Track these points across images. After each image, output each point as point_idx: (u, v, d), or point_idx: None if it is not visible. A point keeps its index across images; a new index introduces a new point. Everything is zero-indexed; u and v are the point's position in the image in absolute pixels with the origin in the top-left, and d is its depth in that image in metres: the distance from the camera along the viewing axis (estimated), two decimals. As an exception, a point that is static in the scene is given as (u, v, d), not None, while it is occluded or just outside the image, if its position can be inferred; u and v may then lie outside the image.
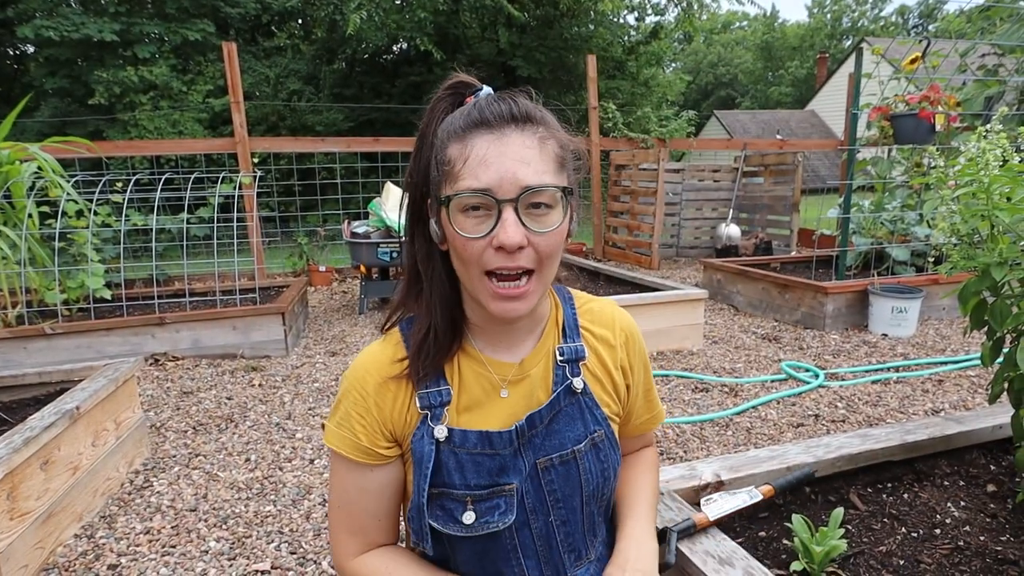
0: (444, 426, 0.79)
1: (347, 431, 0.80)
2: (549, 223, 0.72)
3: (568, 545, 0.83)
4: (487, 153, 0.69)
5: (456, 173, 0.70)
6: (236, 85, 5.50)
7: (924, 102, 3.93)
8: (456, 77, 0.79)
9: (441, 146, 0.74)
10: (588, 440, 0.83)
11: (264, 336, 3.64)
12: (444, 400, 0.80)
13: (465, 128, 0.72)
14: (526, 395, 0.82)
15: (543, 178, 0.71)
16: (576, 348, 0.86)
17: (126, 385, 2.29)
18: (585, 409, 0.84)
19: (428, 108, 0.78)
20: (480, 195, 0.69)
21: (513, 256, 0.70)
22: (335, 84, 13.75)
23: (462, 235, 0.70)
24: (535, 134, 0.72)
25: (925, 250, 4.27)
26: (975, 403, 2.74)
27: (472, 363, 0.82)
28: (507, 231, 0.68)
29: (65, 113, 11.28)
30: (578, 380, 0.84)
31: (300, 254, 6.09)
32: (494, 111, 0.71)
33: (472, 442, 0.79)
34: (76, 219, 3.76)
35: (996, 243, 1.27)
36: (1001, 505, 1.35)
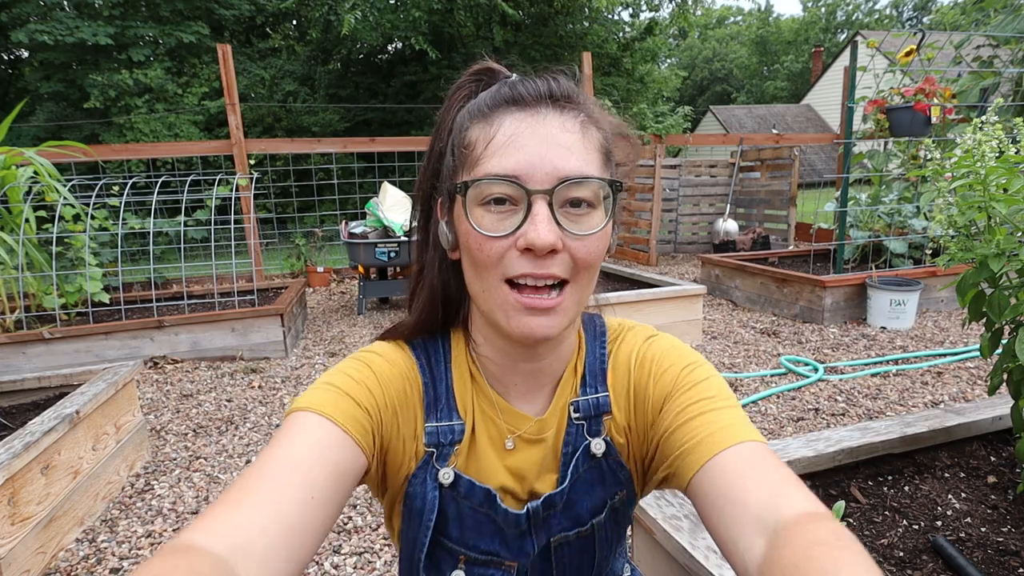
0: (451, 469, 0.65)
1: (337, 392, 0.61)
2: (590, 225, 0.58)
3: None
4: (518, 132, 0.57)
5: (476, 157, 0.58)
6: (231, 87, 5.49)
7: (920, 94, 3.93)
8: (482, 63, 0.66)
9: (460, 130, 0.61)
10: (608, 508, 0.70)
11: (263, 338, 3.63)
12: (456, 438, 0.66)
13: (493, 106, 0.59)
14: (537, 459, 0.68)
15: (586, 168, 0.57)
16: (598, 401, 0.69)
17: (125, 389, 2.29)
18: (607, 472, 0.69)
19: (447, 96, 0.66)
20: (506, 182, 0.56)
21: (543, 261, 0.56)
22: (330, 85, 13.74)
23: (479, 232, 0.57)
24: (577, 118, 0.59)
25: (923, 242, 4.28)
26: (974, 394, 2.74)
27: (485, 404, 0.68)
28: (538, 228, 0.55)
29: (60, 117, 11.26)
30: (598, 443, 0.68)
31: (298, 255, 6.08)
32: (529, 88, 0.59)
33: (478, 498, 0.66)
34: (73, 223, 3.75)
35: (993, 234, 1.28)
36: (1002, 496, 1.36)
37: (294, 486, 0.52)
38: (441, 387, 0.67)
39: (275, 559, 0.48)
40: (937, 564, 1.13)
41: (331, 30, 12.52)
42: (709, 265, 5.01)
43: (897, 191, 4.53)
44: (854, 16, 41.35)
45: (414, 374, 0.67)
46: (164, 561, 0.42)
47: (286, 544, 0.49)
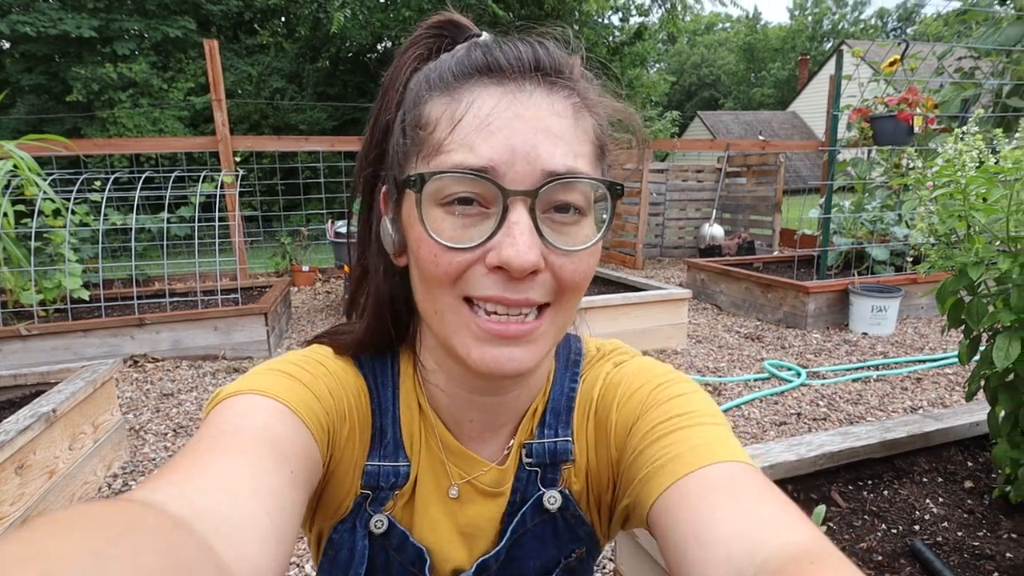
0: (386, 516, 0.54)
1: (288, 378, 0.49)
2: (579, 238, 0.45)
3: None
4: (494, 113, 0.43)
5: (438, 141, 0.44)
6: (218, 83, 5.44)
7: (903, 104, 3.99)
8: (443, 14, 0.52)
9: (416, 102, 0.47)
10: (561, 567, 0.58)
11: (246, 337, 3.59)
12: (399, 482, 0.54)
13: (460, 75, 0.45)
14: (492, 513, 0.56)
15: (577, 164, 0.44)
16: (555, 447, 0.55)
17: (104, 387, 2.25)
18: (562, 529, 0.56)
19: (398, 54, 0.52)
20: (477, 178, 0.42)
21: (518, 284, 0.43)
22: (319, 83, 13.66)
23: (436, 240, 0.43)
24: (568, 98, 0.46)
25: (904, 250, 4.34)
26: (952, 400, 2.78)
27: (433, 442, 0.56)
28: (516, 242, 0.42)
29: (42, 110, 11.09)
30: (552, 495, 0.55)
31: (283, 254, 6.03)
32: (509, 55, 0.45)
33: (410, 556, 0.55)
34: (53, 218, 3.69)
35: (973, 243, 1.30)
36: (978, 501, 1.37)
37: (268, 456, 0.40)
38: (387, 418, 0.55)
39: (265, 538, 0.35)
40: (915, 568, 1.14)
41: (320, 28, 12.45)
42: (695, 269, 5.04)
43: (880, 199, 4.59)
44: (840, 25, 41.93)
45: (363, 397, 0.55)
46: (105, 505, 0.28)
47: (273, 523, 0.36)
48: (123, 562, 0.23)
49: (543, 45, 0.47)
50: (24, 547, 0.22)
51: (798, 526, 0.38)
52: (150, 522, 0.28)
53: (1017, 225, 1.22)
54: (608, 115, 0.51)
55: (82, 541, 0.23)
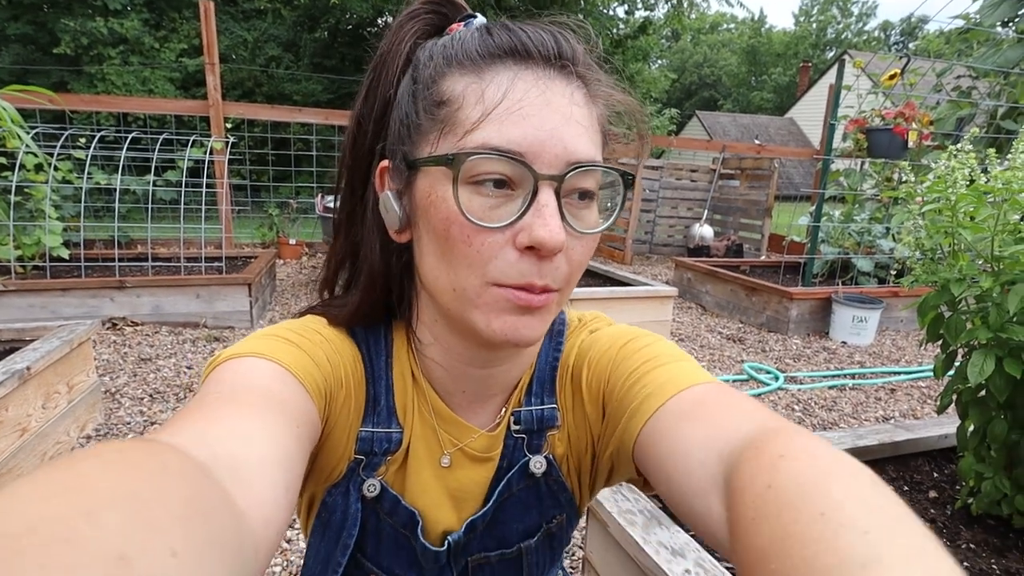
0: (377, 481, 0.56)
1: (286, 343, 0.49)
2: (591, 222, 0.48)
3: None
4: (525, 97, 0.43)
5: (466, 119, 0.44)
6: (212, 46, 5.34)
7: (899, 118, 4.02)
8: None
9: (432, 78, 0.47)
10: (543, 532, 0.61)
11: (229, 306, 3.56)
12: (391, 448, 0.56)
13: (486, 54, 0.45)
14: (481, 478, 0.59)
15: (595, 153, 0.47)
16: (543, 414, 0.59)
17: (81, 348, 2.22)
18: (545, 494, 0.60)
19: (394, 26, 0.52)
20: (510, 161, 0.43)
21: (544, 265, 0.45)
22: (315, 53, 13.46)
23: (471, 220, 0.44)
24: (582, 88, 0.47)
25: (888, 263, 4.39)
26: (924, 413, 2.84)
27: (425, 410, 0.58)
28: (549, 224, 0.43)
29: (28, 61, 10.81)
30: (538, 460, 0.58)
31: (270, 225, 5.97)
32: (537, 42, 0.45)
33: (401, 519, 0.57)
34: (35, 173, 3.61)
35: (957, 260, 1.31)
36: (941, 511, 1.41)
37: (276, 412, 0.41)
38: (380, 386, 0.56)
39: (277, 487, 0.35)
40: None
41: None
42: (682, 268, 5.07)
43: (869, 211, 4.64)
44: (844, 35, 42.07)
45: (358, 365, 0.56)
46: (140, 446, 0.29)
47: (284, 474, 0.37)
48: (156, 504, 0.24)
49: (563, 35, 0.47)
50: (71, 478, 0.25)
51: (757, 416, 0.41)
52: (176, 465, 0.28)
53: (1002, 245, 1.24)
54: (611, 106, 0.51)
55: (121, 480, 0.25)
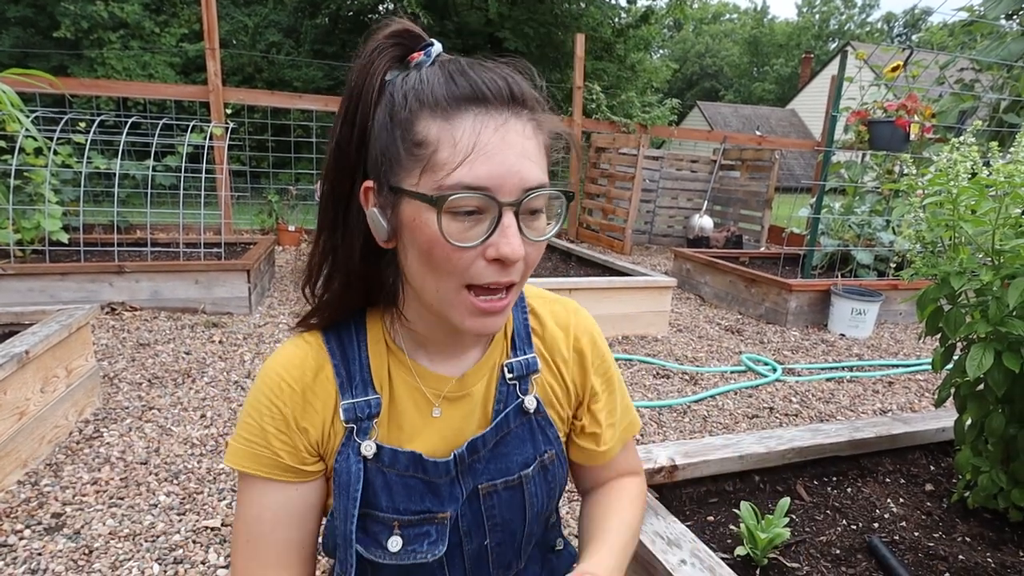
0: (372, 442, 0.68)
1: (262, 447, 0.66)
2: (542, 230, 0.62)
3: (500, 562, 0.76)
4: (487, 141, 0.55)
5: (441, 161, 0.55)
6: (212, 31, 5.30)
7: (901, 110, 4.00)
8: (400, 24, 0.62)
9: (407, 119, 0.57)
10: (537, 463, 0.74)
11: (227, 292, 3.56)
12: (373, 412, 0.68)
13: (451, 101, 0.56)
14: (464, 415, 0.72)
15: (543, 176, 0.59)
16: (527, 362, 0.75)
17: (80, 332, 2.22)
18: (537, 430, 0.75)
19: (363, 59, 0.61)
20: (480, 196, 0.55)
21: (507, 269, 0.59)
22: (316, 40, 13.37)
23: (450, 242, 0.56)
24: (530, 122, 0.59)
25: (888, 255, 4.39)
26: (921, 406, 2.85)
27: (404, 373, 0.70)
28: (511, 242, 0.57)
29: (27, 44, 10.73)
30: (530, 399, 0.74)
31: (270, 212, 5.95)
32: (492, 88, 0.56)
33: (403, 463, 0.68)
34: (34, 157, 3.60)
35: (957, 253, 1.31)
36: (937, 504, 1.41)
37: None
38: (354, 366, 0.69)
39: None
40: (870, 563, 1.18)
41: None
42: (681, 259, 5.07)
43: (869, 203, 4.62)
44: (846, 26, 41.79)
45: (322, 362, 0.69)
46: None
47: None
48: None
49: (514, 79, 0.58)
50: None
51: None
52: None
53: (1003, 238, 1.24)
54: (552, 131, 0.63)
55: None
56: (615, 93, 12.58)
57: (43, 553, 1.54)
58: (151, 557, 1.55)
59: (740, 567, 1.12)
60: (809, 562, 1.17)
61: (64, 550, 1.55)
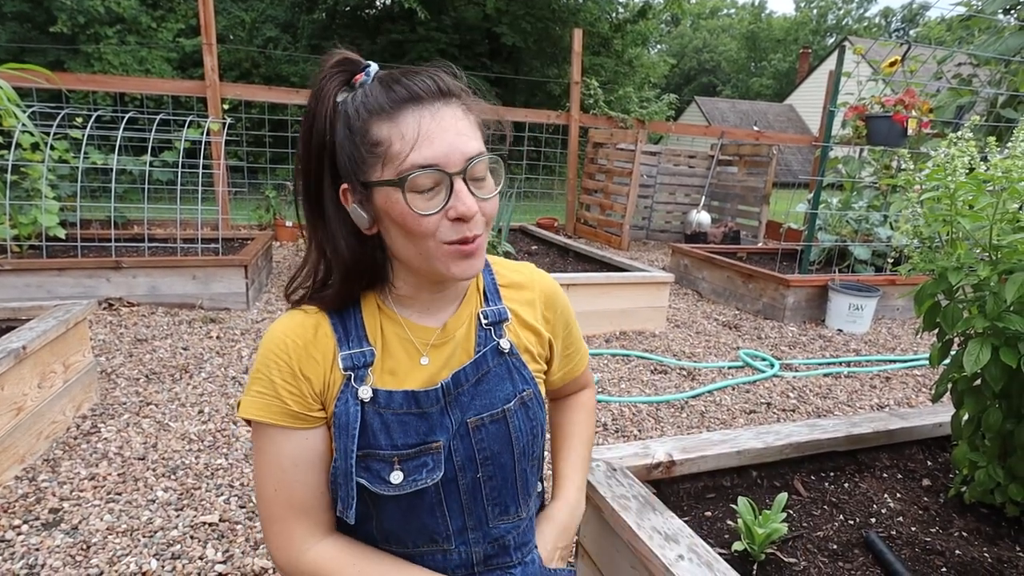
0: (368, 387, 0.78)
1: (272, 398, 0.76)
2: (490, 189, 0.75)
3: (493, 499, 0.84)
4: (427, 129, 0.69)
5: (396, 152, 0.69)
6: (209, 26, 5.28)
7: (899, 105, 4.00)
8: (340, 54, 0.75)
9: (361, 127, 0.70)
10: (517, 399, 0.84)
11: (225, 288, 3.55)
12: (368, 361, 0.79)
13: (392, 105, 0.69)
14: (448, 358, 0.83)
15: (480, 147, 0.72)
16: (499, 310, 0.88)
17: (77, 328, 2.22)
18: (513, 369, 0.86)
19: (316, 87, 0.74)
20: (432, 171, 0.68)
21: (469, 225, 0.72)
22: (313, 35, 13.31)
23: (418, 213, 0.69)
24: (459, 107, 0.72)
25: (886, 251, 4.40)
26: (918, 401, 2.85)
27: (395, 327, 0.82)
28: (465, 202, 0.70)
29: (24, 39, 10.66)
30: (504, 341, 0.86)
31: (267, 207, 5.93)
32: (423, 86, 0.70)
33: (398, 402, 0.78)
34: (31, 152, 3.58)
35: (955, 248, 1.31)
36: (934, 499, 1.42)
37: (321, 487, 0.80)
38: (350, 323, 0.80)
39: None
40: (867, 558, 1.18)
41: (319, -23, 12.10)
42: (679, 254, 5.07)
43: (867, 199, 4.63)
44: (844, 21, 41.74)
45: (321, 321, 0.80)
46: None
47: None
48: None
49: (439, 76, 0.72)
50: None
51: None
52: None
53: (1000, 234, 1.24)
54: (482, 113, 0.76)
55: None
56: (612, 88, 12.56)
57: (41, 548, 1.53)
58: (149, 552, 1.55)
59: (737, 562, 1.13)
60: (806, 557, 1.17)
61: (62, 545, 1.55)
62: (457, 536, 0.83)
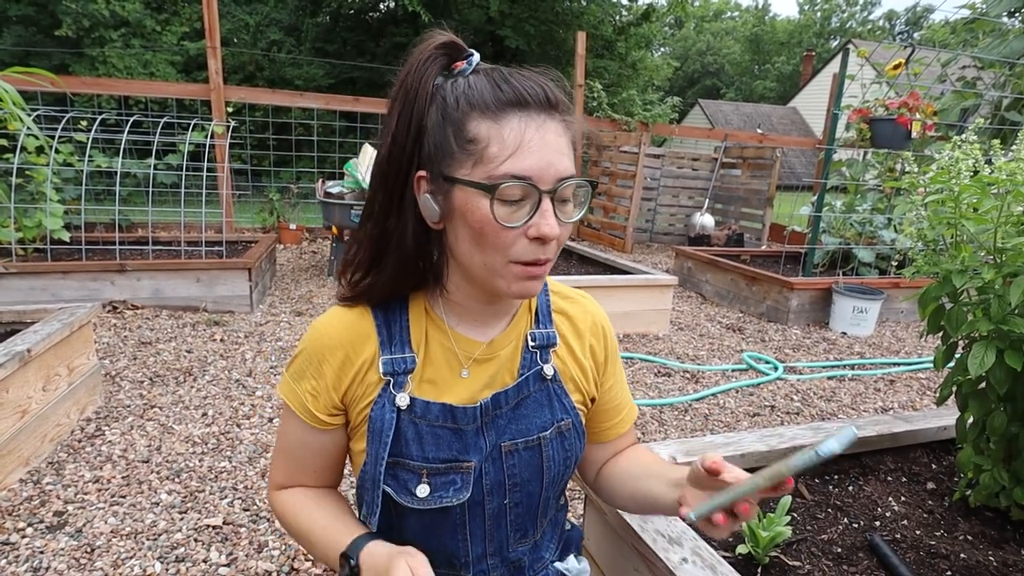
0: (406, 394, 0.76)
1: (299, 390, 0.79)
2: (570, 214, 0.71)
3: (516, 525, 0.82)
4: (530, 139, 0.65)
5: (491, 155, 0.65)
6: (213, 29, 5.30)
7: (903, 108, 3.99)
8: (446, 36, 0.71)
9: (459, 119, 0.67)
10: (554, 428, 0.82)
11: (229, 291, 3.56)
12: (408, 368, 0.77)
13: (498, 105, 0.66)
14: (490, 377, 0.80)
15: (572, 169, 0.69)
16: (548, 334, 0.84)
17: (81, 331, 2.23)
18: (554, 396, 0.83)
19: (413, 64, 0.69)
20: (525, 184, 0.65)
21: (544, 247, 0.69)
22: (317, 38, 13.36)
23: (501, 224, 0.66)
24: (562, 123, 0.69)
25: (890, 254, 4.38)
26: (923, 404, 2.84)
27: (440, 336, 0.79)
28: (550, 222, 0.67)
29: (29, 43, 10.72)
30: (548, 367, 0.83)
31: (271, 210, 5.96)
32: (532, 94, 0.66)
33: (434, 414, 0.76)
34: (36, 155, 3.60)
35: (959, 251, 1.31)
36: (938, 502, 1.41)
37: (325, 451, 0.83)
38: (395, 327, 0.78)
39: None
40: (872, 561, 1.18)
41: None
42: (683, 257, 5.06)
43: (871, 201, 4.61)
44: (848, 24, 41.70)
45: (366, 324, 0.78)
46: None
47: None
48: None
49: (548, 86, 0.69)
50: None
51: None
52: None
53: (1004, 236, 1.23)
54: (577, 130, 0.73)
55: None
56: (616, 91, 12.56)
57: (45, 551, 1.54)
58: (153, 555, 1.55)
59: (741, 565, 1.12)
60: (810, 560, 1.17)
61: (66, 548, 1.55)
62: (476, 563, 0.82)
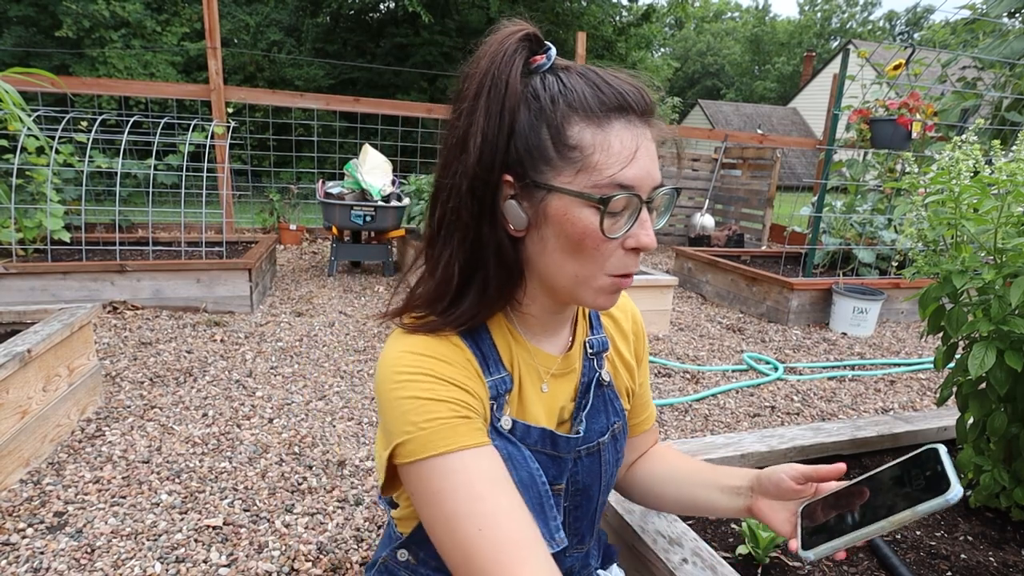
0: (508, 417, 0.71)
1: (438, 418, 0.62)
2: (655, 222, 0.69)
3: (574, 531, 0.81)
4: (632, 146, 0.62)
5: (594, 163, 0.61)
6: (214, 30, 5.30)
7: (903, 108, 3.99)
8: (524, 27, 0.65)
9: (559, 123, 0.62)
10: (610, 432, 0.81)
11: (229, 291, 3.56)
12: (508, 388, 0.72)
13: (602, 110, 0.62)
14: (564, 390, 0.78)
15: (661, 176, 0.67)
16: (603, 340, 0.84)
17: (82, 331, 2.23)
18: (608, 401, 0.82)
19: (499, 55, 0.62)
20: (629, 195, 0.62)
21: (637, 258, 0.67)
22: (317, 39, 13.37)
23: (602, 234, 0.62)
24: (653, 127, 0.67)
25: (890, 254, 4.38)
26: (923, 405, 2.84)
27: (524, 353, 0.75)
28: (649, 233, 0.65)
29: (29, 44, 10.73)
30: (605, 372, 0.82)
31: (271, 210, 5.96)
32: (634, 99, 0.63)
33: (535, 438, 0.73)
34: (36, 156, 3.60)
35: (959, 251, 1.31)
36: (939, 503, 1.41)
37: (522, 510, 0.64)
38: (486, 347, 0.72)
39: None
40: (872, 562, 1.18)
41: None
42: (683, 257, 5.07)
43: (871, 202, 4.62)
44: (848, 24, 41.71)
45: (460, 346, 0.69)
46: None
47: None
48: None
49: (645, 90, 0.65)
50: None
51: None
52: None
53: (1005, 237, 1.24)
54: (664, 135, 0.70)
55: None
56: (616, 92, 12.51)
57: (45, 552, 1.54)
58: (153, 556, 1.55)
59: (742, 566, 1.12)
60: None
61: (66, 549, 1.55)
62: None
